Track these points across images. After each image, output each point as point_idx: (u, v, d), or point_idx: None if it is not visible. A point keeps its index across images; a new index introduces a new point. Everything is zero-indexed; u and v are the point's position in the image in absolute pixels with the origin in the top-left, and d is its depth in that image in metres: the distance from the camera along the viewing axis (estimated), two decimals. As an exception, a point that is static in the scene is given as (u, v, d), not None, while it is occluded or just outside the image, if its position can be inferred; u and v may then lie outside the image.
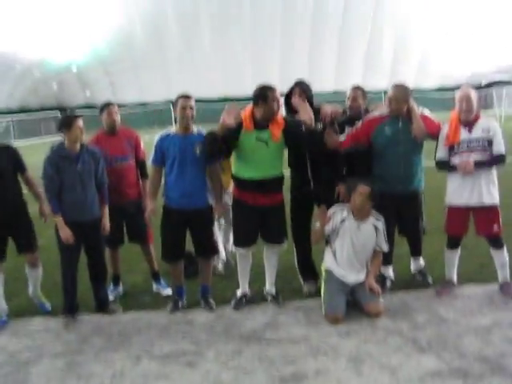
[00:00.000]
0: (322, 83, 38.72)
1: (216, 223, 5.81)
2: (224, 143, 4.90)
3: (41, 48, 36.46)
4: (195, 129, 5.10)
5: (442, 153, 5.18)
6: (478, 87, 40.15)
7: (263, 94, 4.85)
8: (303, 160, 5.24)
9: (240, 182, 5.13)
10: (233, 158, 5.22)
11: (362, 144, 5.27)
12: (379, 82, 36.16)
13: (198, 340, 4.55)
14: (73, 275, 5.10)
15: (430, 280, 5.54)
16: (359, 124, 5.34)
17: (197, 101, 5.11)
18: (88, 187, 5.04)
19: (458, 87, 5.61)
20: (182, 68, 42.34)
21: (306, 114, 4.88)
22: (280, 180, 5.09)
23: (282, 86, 5.56)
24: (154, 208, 5.16)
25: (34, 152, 21.83)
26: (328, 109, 5.28)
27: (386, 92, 5.29)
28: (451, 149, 5.09)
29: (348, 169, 5.38)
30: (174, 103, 5.02)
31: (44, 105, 42.03)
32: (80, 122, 4.95)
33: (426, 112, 5.32)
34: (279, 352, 4.24)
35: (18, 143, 33.99)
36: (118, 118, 5.61)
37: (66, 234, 4.92)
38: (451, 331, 4.44)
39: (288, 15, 41.42)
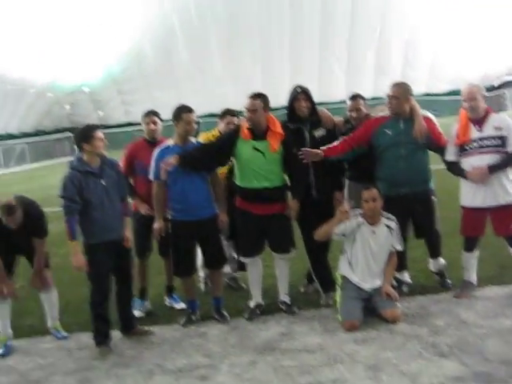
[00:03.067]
0: (333, 92, 38.71)
1: None
2: (219, 151, 4.98)
3: (53, 70, 36.84)
4: (193, 139, 5.06)
5: (451, 153, 5.00)
6: (491, 89, 39.88)
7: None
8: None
9: (241, 192, 5.06)
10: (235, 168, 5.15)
11: (361, 147, 5.15)
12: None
13: (211, 353, 4.44)
14: (106, 304, 4.74)
15: (449, 282, 5.35)
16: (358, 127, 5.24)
17: (208, 115, 5.11)
18: (115, 202, 4.73)
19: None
20: (192, 84, 42.59)
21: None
22: (281, 189, 5.01)
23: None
24: (161, 226, 5.01)
25: (50, 173, 22.00)
26: (328, 115, 5.35)
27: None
28: (462, 148, 4.92)
29: (350, 171, 5.40)
30: (177, 116, 4.95)
31: (58, 126, 42.45)
32: (100, 133, 4.65)
33: (431, 116, 5.17)
34: (295, 362, 4.12)
35: (33, 166, 34.50)
36: (159, 127, 5.52)
37: (80, 261, 4.56)
38: (473, 335, 4.26)
39: (296, 27, 41.51)
